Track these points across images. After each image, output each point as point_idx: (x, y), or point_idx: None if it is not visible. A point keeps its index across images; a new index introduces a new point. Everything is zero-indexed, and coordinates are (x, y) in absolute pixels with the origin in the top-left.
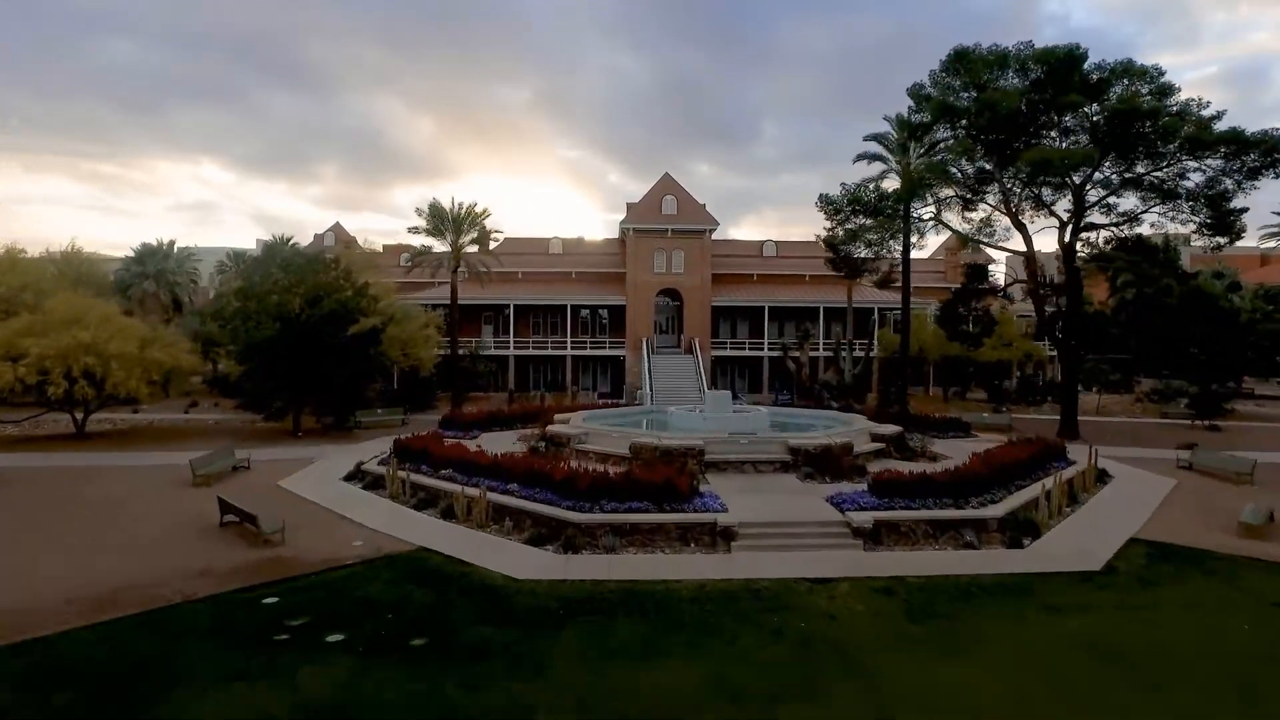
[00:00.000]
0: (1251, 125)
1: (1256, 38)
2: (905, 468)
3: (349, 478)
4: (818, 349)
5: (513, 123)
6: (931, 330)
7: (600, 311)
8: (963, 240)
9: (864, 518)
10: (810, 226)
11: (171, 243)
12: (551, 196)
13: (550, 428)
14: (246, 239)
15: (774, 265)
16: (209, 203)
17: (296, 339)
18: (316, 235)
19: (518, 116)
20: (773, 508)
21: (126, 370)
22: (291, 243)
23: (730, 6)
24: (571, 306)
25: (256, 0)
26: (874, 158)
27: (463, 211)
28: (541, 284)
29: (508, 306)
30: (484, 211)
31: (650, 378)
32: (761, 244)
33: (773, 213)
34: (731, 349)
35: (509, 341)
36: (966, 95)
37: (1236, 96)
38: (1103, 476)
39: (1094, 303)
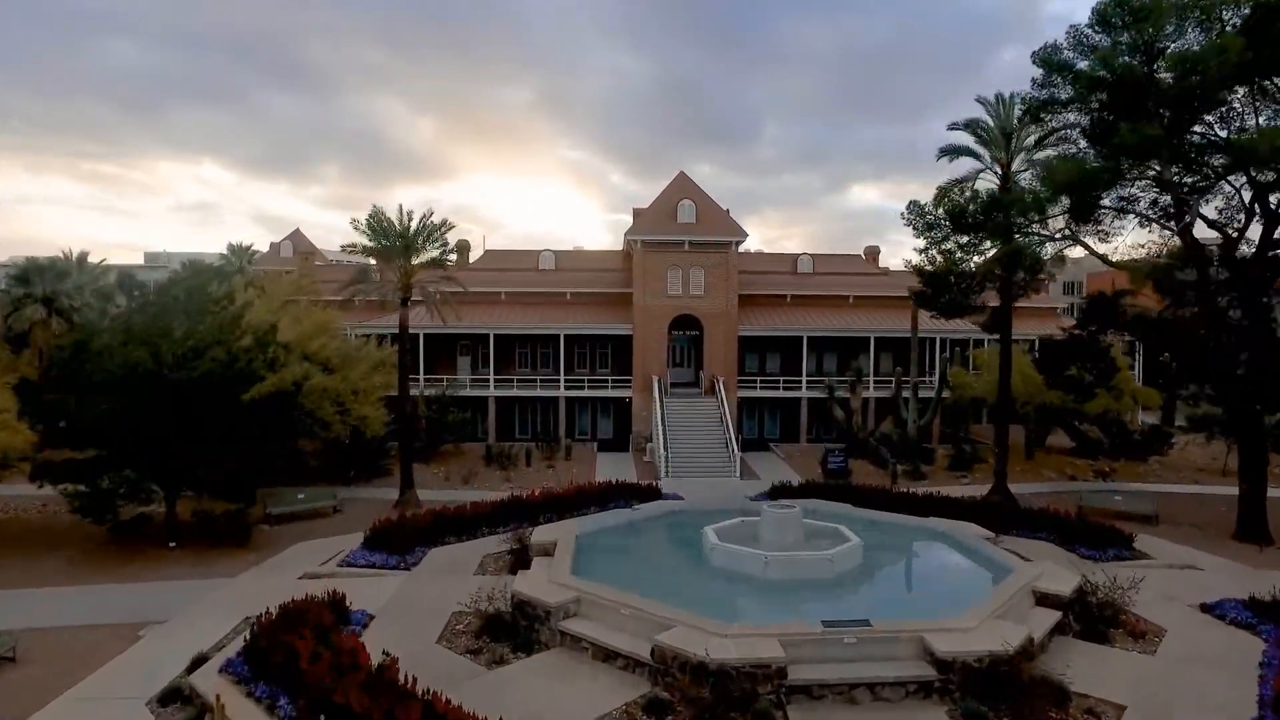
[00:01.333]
0: None
1: None
2: (1116, 664)
3: (166, 699)
4: (868, 388)
5: (513, 123)
6: (1020, 371)
7: (602, 343)
8: (1115, 265)
9: None
10: (812, 227)
11: (83, 255)
12: (552, 197)
13: (518, 587)
14: (247, 239)
15: (810, 284)
16: (210, 203)
17: (157, 409)
18: (273, 244)
19: (518, 117)
20: None
21: None
22: (252, 252)
23: (731, 7)
24: (566, 337)
25: (257, 1)
26: (963, 152)
27: (416, 225)
28: (529, 308)
29: (487, 337)
30: (444, 224)
31: (663, 427)
32: (795, 259)
33: (774, 213)
34: (763, 388)
35: (489, 380)
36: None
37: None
38: None
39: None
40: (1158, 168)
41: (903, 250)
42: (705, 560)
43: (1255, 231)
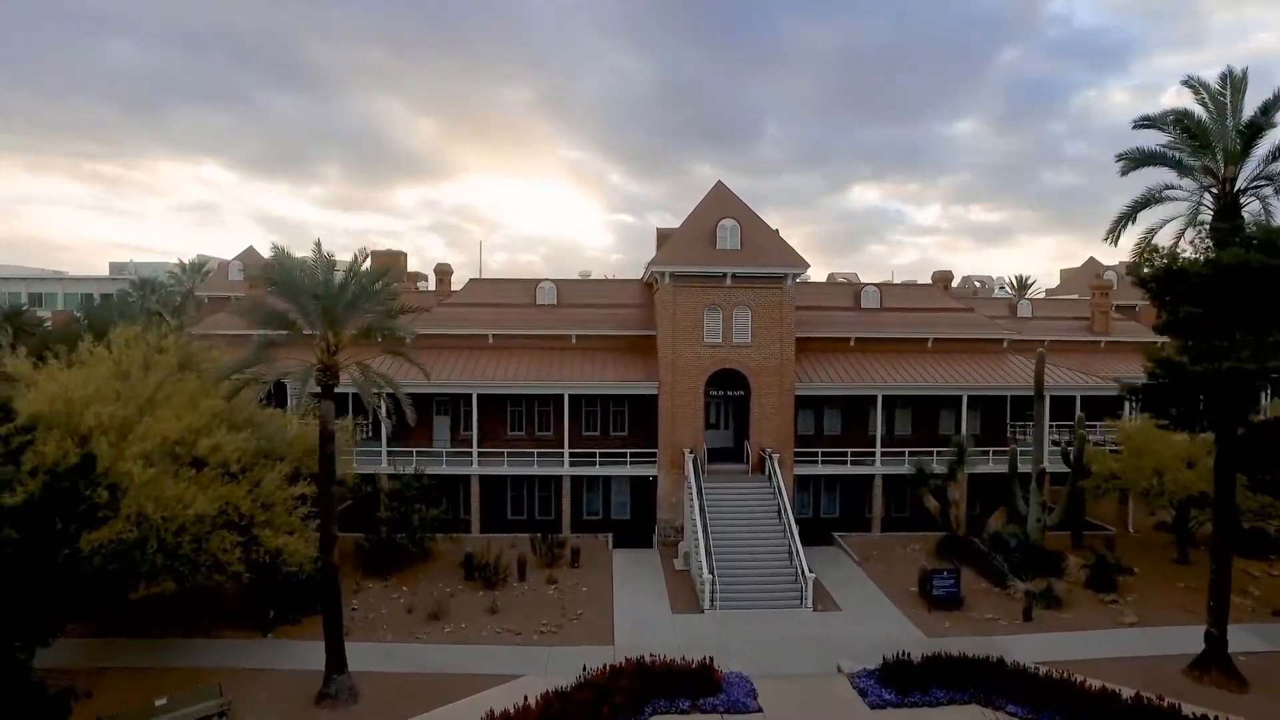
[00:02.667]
0: None
1: (1262, 38)
2: None
3: None
4: (958, 465)
5: (514, 123)
6: (1173, 449)
7: (617, 403)
8: None
9: None
10: (813, 227)
11: None
12: (552, 198)
13: None
14: (247, 240)
15: (880, 324)
16: (211, 203)
17: None
18: (221, 263)
19: (519, 117)
20: None
21: None
22: (206, 270)
23: (731, 7)
24: (571, 397)
25: (257, 1)
26: (1159, 160)
27: (343, 276)
28: (525, 356)
29: (468, 397)
30: (386, 274)
31: (702, 526)
32: (857, 291)
33: (774, 213)
34: (826, 462)
35: (471, 454)
36: None
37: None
38: None
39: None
40: None
41: (902, 252)
42: None
43: None
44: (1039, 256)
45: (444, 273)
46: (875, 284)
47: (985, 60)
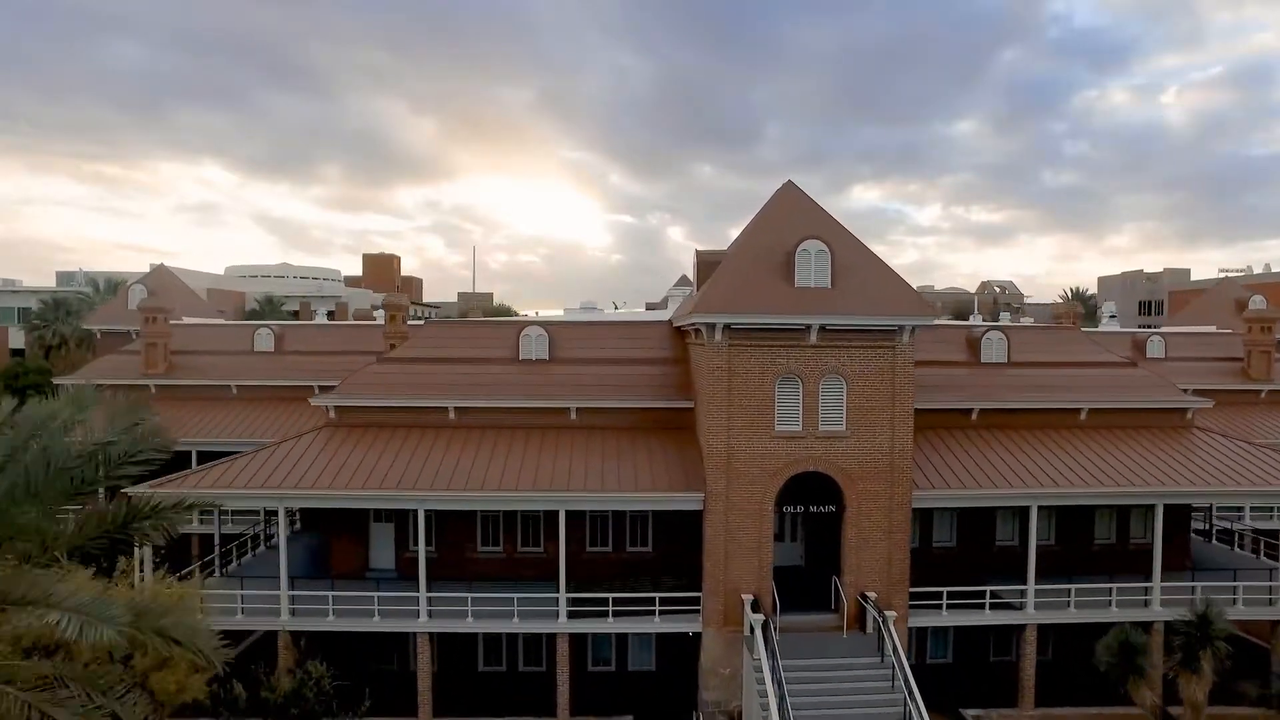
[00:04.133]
0: (1256, 127)
1: (1262, 38)
2: None
3: None
4: (1202, 644)
5: (514, 123)
6: None
7: (638, 519)
8: None
9: None
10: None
11: None
12: (552, 198)
13: None
14: (248, 240)
15: (1008, 386)
16: (212, 204)
17: None
18: (124, 286)
19: (519, 117)
20: None
21: None
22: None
23: (732, 7)
24: (568, 515)
25: (259, 3)
26: None
27: None
28: (503, 439)
29: (413, 513)
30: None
31: None
32: (974, 338)
33: None
34: (954, 608)
35: (418, 605)
36: None
37: (1241, 97)
38: None
39: None
40: None
41: (902, 252)
42: None
43: None
44: (1039, 256)
45: (396, 307)
46: (995, 325)
47: (986, 60)
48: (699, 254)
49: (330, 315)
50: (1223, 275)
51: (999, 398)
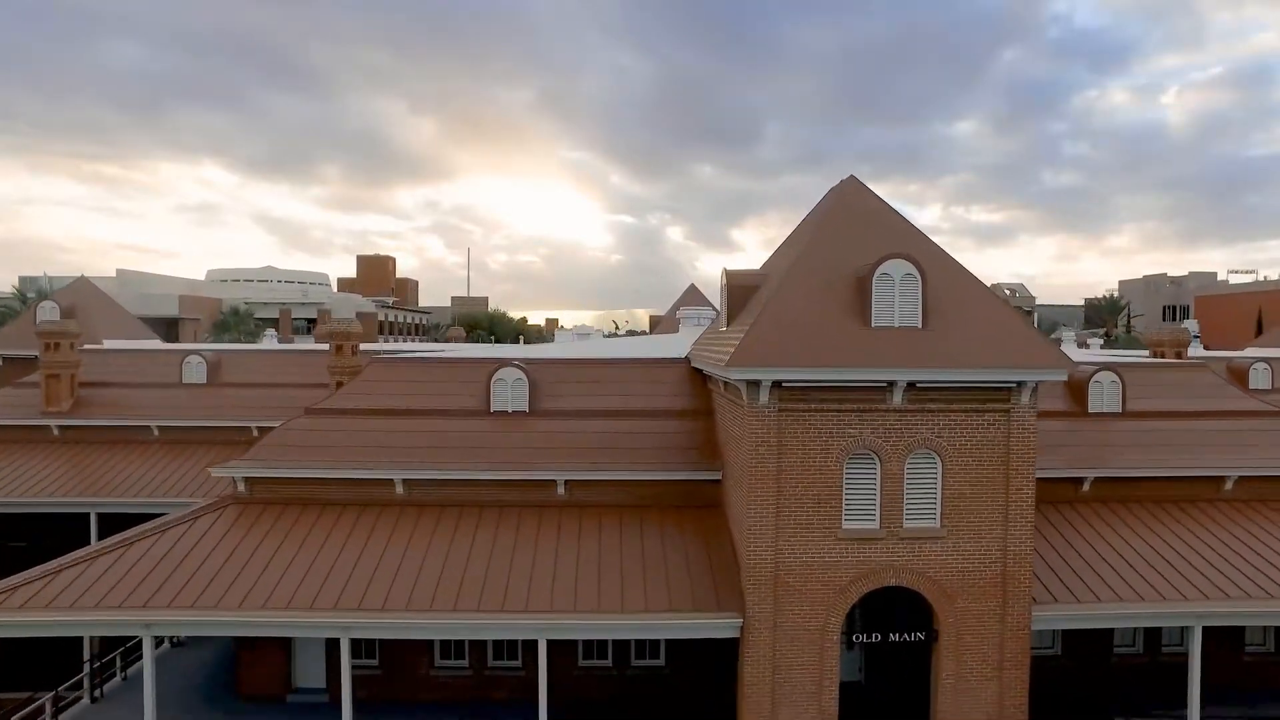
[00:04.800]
0: (1256, 127)
1: (1262, 38)
2: None
3: None
4: None
5: (514, 124)
6: None
7: (648, 648)
8: None
9: None
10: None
11: None
12: (552, 198)
13: None
14: (248, 241)
15: (1126, 445)
16: (212, 204)
17: None
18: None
19: (519, 117)
20: None
21: None
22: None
23: (732, 7)
24: (550, 644)
25: (259, 2)
26: None
27: None
28: (467, 523)
29: (336, 641)
30: None
31: None
32: (1084, 379)
33: (774, 214)
34: None
35: None
36: None
37: (1241, 98)
38: None
39: None
40: None
41: None
42: None
43: None
44: (1039, 257)
45: (344, 335)
46: (1105, 363)
47: (986, 60)
48: (729, 275)
49: (311, 324)
50: (1231, 275)
51: (1118, 461)
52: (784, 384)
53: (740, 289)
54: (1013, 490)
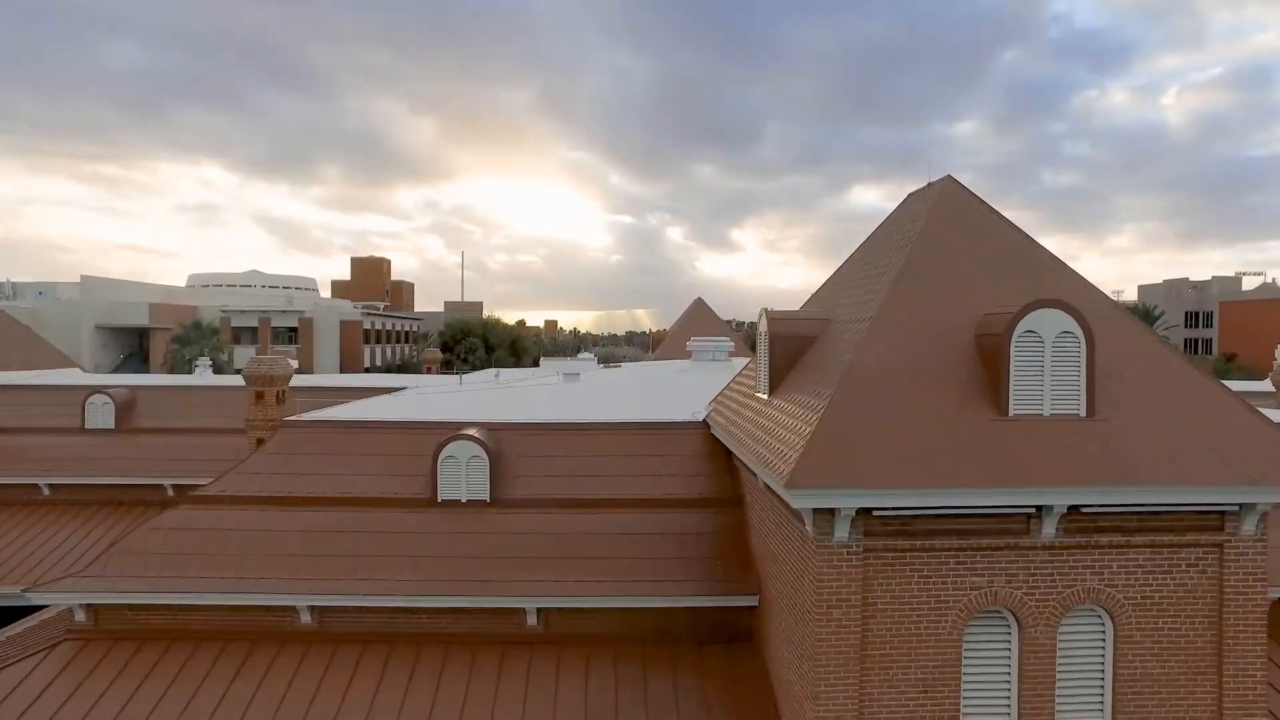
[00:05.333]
0: (1256, 128)
1: (1262, 38)
2: None
3: None
4: None
5: (514, 124)
6: None
7: None
8: None
9: None
10: (813, 228)
11: None
12: (553, 198)
13: None
14: (248, 241)
15: None
16: (212, 204)
17: None
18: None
19: (519, 117)
20: None
21: None
22: None
23: (732, 7)
24: None
25: (259, 3)
26: None
27: None
28: (397, 663)
29: None
30: None
31: None
32: None
33: (774, 214)
34: None
35: None
36: None
37: (1241, 98)
38: None
39: None
40: None
41: None
42: None
43: None
44: None
45: (266, 380)
46: None
47: (986, 60)
48: (771, 321)
49: (293, 333)
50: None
51: None
52: (875, 512)
53: (787, 340)
54: (1230, 668)
